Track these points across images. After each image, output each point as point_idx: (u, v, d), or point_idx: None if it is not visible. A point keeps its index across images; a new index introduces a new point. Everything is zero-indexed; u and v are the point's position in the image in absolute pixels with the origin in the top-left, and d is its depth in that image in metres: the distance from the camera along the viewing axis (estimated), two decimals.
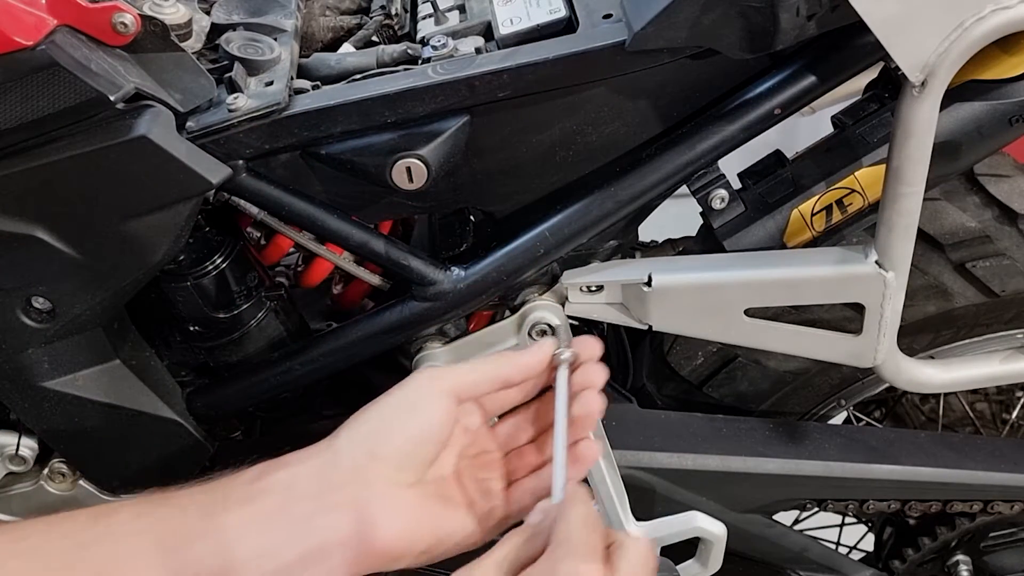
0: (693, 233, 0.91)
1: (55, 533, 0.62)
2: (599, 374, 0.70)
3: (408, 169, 0.76)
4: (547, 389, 0.72)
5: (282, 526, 0.62)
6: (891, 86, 0.84)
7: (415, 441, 0.65)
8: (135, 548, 0.61)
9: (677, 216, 0.99)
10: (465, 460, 0.70)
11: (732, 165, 0.85)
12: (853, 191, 0.83)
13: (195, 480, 0.69)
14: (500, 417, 0.73)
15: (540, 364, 0.70)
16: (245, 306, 0.86)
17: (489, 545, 0.62)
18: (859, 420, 1.15)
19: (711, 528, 0.83)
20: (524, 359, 0.70)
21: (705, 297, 0.82)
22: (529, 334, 0.85)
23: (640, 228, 0.89)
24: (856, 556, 1.17)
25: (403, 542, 0.64)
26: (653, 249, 0.97)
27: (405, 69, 0.80)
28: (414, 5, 0.90)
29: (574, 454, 0.67)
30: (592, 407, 0.68)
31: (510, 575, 0.58)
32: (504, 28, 0.79)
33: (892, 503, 0.99)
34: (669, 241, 0.97)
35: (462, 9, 0.86)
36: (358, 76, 0.80)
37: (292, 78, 0.78)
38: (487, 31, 0.82)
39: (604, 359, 0.72)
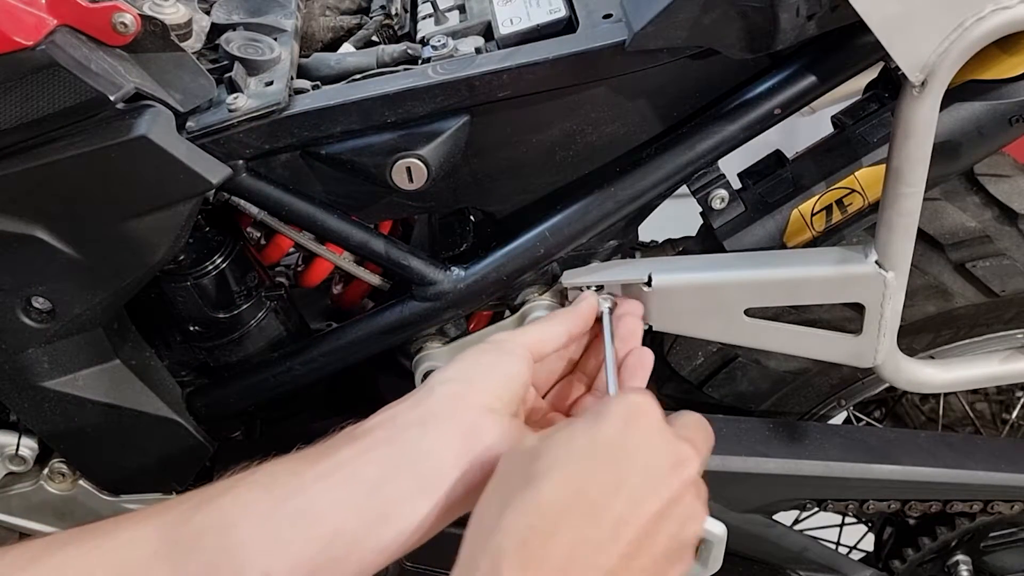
0: (693, 233, 0.91)
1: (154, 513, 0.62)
2: (639, 326, 0.78)
3: (408, 169, 0.76)
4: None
5: (394, 453, 0.62)
6: (891, 86, 0.84)
7: (504, 379, 0.67)
8: (250, 500, 0.61)
9: (677, 216, 0.99)
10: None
11: (732, 165, 0.85)
12: (853, 191, 0.83)
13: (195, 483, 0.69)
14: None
15: (593, 310, 0.77)
16: (245, 306, 0.86)
17: None
18: (859, 420, 1.15)
19: (711, 528, 0.82)
20: (580, 308, 0.76)
21: (705, 297, 0.82)
22: None
23: (640, 228, 0.89)
24: (856, 556, 1.17)
25: None
26: (653, 249, 0.97)
27: (405, 69, 0.80)
28: (414, 5, 0.90)
29: (627, 367, 0.73)
30: (645, 359, 0.74)
31: None
32: (504, 28, 0.79)
33: (892, 503, 0.99)
34: (669, 241, 0.97)
35: (462, 9, 0.86)
36: (358, 76, 0.80)
37: (292, 78, 0.78)
38: (487, 31, 0.82)
39: None
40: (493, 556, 0.53)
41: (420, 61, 0.81)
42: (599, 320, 0.78)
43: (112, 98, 0.69)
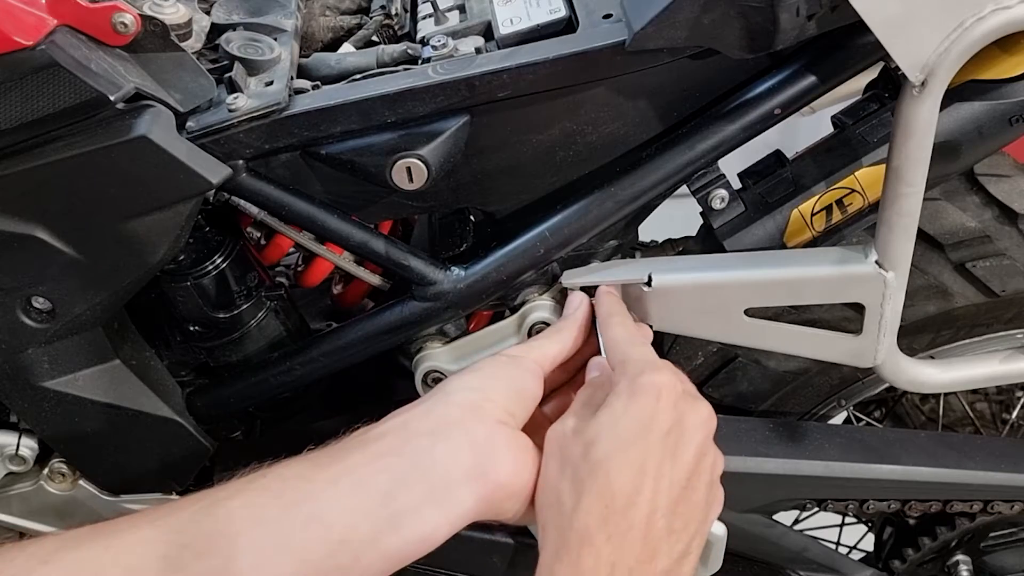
0: (693, 233, 0.91)
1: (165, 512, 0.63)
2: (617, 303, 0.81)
3: (408, 169, 0.76)
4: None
5: (404, 462, 0.64)
6: (891, 86, 0.84)
7: (517, 393, 0.70)
8: (259, 504, 0.62)
9: (677, 216, 0.99)
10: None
11: (732, 165, 0.85)
12: (853, 191, 0.83)
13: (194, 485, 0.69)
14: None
15: (588, 310, 0.80)
16: (245, 306, 0.86)
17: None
18: (859, 420, 1.15)
19: (711, 528, 0.83)
20: (578, 314, 0.80)
21: (705, 297, 0.82)
22: (529, 334, 0.85)
23: (640, 228, 0.89)
24: (856, 556, 1.17)
25: (519, 478, 0.67)
26: (653, 249, 0.97)
27: (405, 69, 0.80)
28: (414, 5, 0.90)
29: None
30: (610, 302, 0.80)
31: (590, 410, 0.67)
32: (504, 28, 0.79)
33: (892, 503, 0.99)
34: (669, 241, 0.97)
35: (462, 9, 0.86)
36: (358, 76, 0.80)
37: (292, 78, 0.78)
38: (487, 31, 0.82)
39: None
40: (581, 532, 0.62)
41: (420, 61, 0.81)
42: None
43: (112, 98, 0.69)
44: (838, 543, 1.23)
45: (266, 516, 0.61)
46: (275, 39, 0.81)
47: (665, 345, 0.98)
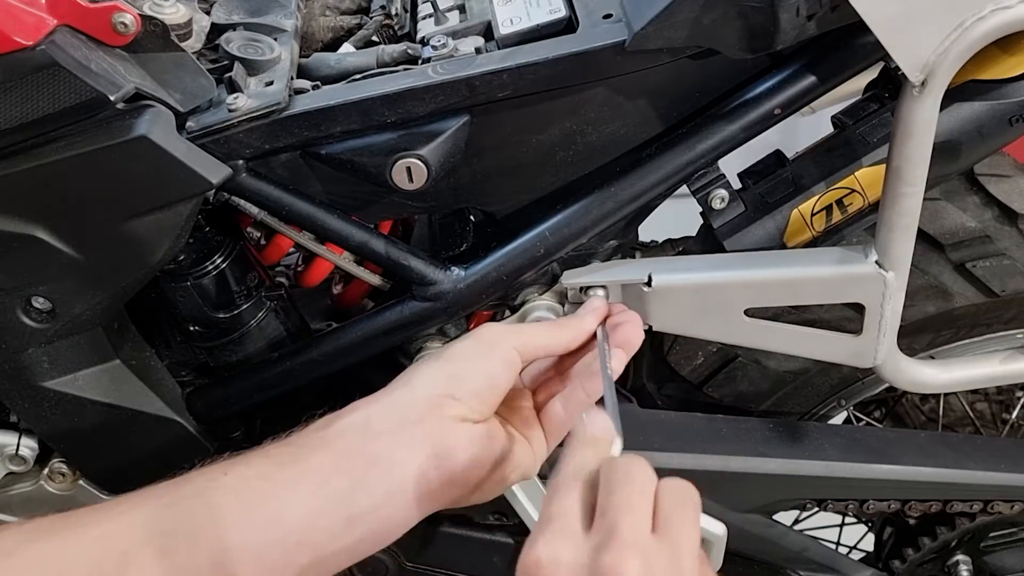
0: (693, 233, 0.91)
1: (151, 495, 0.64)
2: (638, 333, 0.76)
3: (408, 169, 0.76)
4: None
5: (364, 464, 0.65)
6: (891, 86, 0.84)
7: (487, 385, 0.69)
8: (220, 505, 0.63)
9: (677, 216, 0.99)
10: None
11: (732, 165, 0.85)
12: (853, 191, 0.83)
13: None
14: None
15: (592, 328, 0.76)
16: (245, 306, 0.86)
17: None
18: (859, 420, 1.15)
19: (711, 528, 0.83)
20: (583, 326, 0.76)
21: (705, 297, 0.82)
22: None
23: (640, 228, 0.89)
24: (856, 556, 1.17)
25: (472, 472, 0.67)
26: (653, 249, 0.96)
27: (405, 69, 0.80)
28: (414, 5, 0.90)
29: (617, 338, 0.75)
30: (632, 336, 0.75)
31: (588, 483, 0.58)
32: (504, 28, 0.79)
33: (892, 503, 0.99)
34: (669, 241, 0.97)
35: (462, 9, 0.86)
36: (358, 76, 0.80)
37: (292, 78, 0.78)
38: (487, 31, 0.82)
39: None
40: None
41: (420, 61, 0.81)
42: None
43: (112, 98, 0.69)
44: (838, 543, 1.23)
45: (226, 517, 0.62)
46: (275, 39, 0.81)
47: (665, 345, 0.98)
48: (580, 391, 0.74)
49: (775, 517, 1.01)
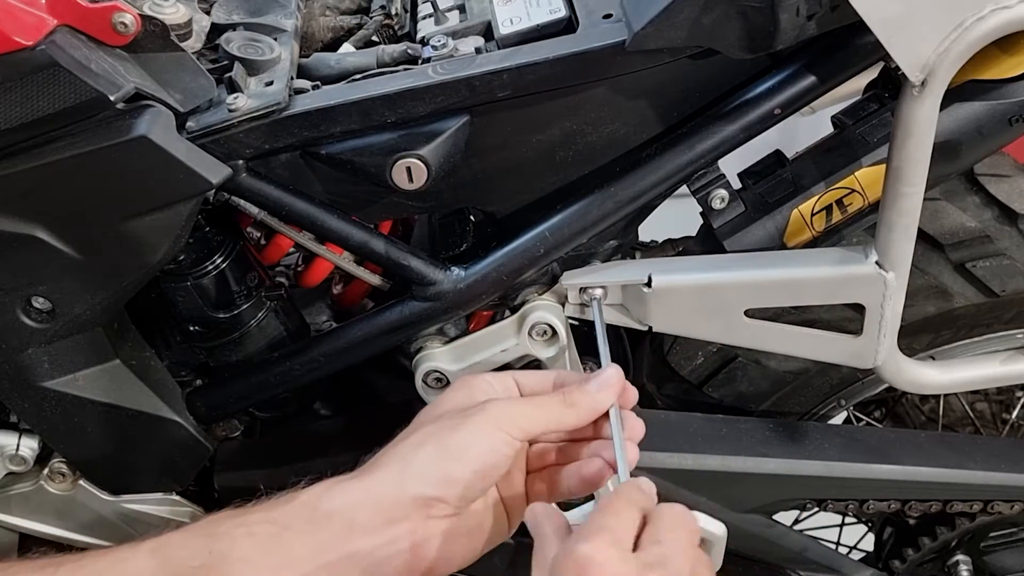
0: (693, 233, 0.91)
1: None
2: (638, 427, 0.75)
3: (408, 169, 0.76)
4: None
5: (343, 561, 0.66)
6: (891, 86, 0.84)
7: (480, 475, 0.67)
8: None
9: (677, 216, 0.99)
10: None
11: (732, 165, 0.85)
12: (853, 191, 0.83)
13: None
14: None
15: (605, 408, 0.72)
16: (245, 306, 0.86)
17: None
18: (859, 420, 1.15)
19: (711, 528, 0.82)
20: (596, 406, 0.71)
21: (705, 298, 0.82)
22: (529, 334, 0.85)
23: (640, 228, 0.89)
24: (856, 556, 1.17)
25: (452, 566, 0.68)
26: (653, 249, 0.96)
27: (405, 69, 0.80)
28: (414, 5, 0.90)
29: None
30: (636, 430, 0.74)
31: (640, 512, 0.62)
32: (504, 28, 0.79)
33: (892, 503, 0.99)
34: (669, 241, 0.97)
35: (462, 9, 0.86)
36: (358, 76, 0.80)
37: (292, 78, 0.78)
38: (487, 31, 0.82)
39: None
40: None
41: (420, 61, 0.81)
42: None
43: (112, 98, 0.69)
44: (838, 543, 1.23)
45: None
46: (275, 39, 0.81)
47: (665, 345, 0.98)
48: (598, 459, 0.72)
49: (775, 517, 1.01)
